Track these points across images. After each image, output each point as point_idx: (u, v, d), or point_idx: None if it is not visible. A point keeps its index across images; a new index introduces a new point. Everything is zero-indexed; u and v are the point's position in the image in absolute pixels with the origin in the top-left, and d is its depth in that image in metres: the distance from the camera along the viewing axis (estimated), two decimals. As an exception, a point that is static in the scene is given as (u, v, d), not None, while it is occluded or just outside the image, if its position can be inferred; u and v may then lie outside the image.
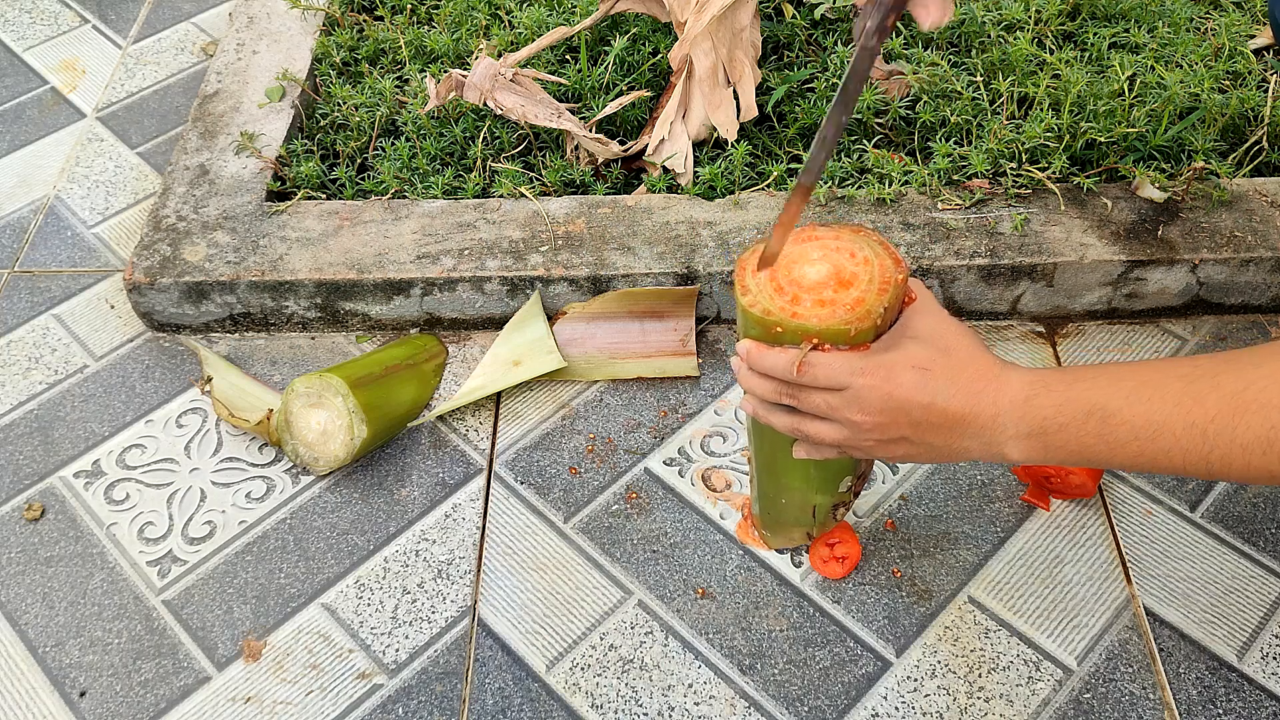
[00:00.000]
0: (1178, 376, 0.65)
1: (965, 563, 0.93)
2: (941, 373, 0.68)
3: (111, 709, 0.87)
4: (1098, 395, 0.66)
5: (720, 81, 1.15)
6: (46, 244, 1.23)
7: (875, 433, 0.69)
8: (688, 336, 1.08)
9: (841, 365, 0.67)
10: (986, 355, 0.70)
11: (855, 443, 0.71)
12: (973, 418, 0.68)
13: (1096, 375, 0.67)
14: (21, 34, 1.52)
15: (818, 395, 0.69)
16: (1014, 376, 0.68)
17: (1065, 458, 0.68)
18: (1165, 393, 0.64)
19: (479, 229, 1.10)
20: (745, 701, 0.86)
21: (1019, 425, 0.67)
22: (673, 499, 0.98)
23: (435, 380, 1.07)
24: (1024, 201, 1.09)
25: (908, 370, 0.67)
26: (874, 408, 0.68)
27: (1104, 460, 0.67)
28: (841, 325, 0.67)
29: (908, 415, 0.68)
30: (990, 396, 0.67)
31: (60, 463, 1.03)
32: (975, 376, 0.68)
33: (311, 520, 0.98)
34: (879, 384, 0.67)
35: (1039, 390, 0.67)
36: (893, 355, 0.68)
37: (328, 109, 1.26)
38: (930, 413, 0.68)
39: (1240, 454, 0.62)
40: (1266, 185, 1.10)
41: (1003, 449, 0.69)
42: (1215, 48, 1.22)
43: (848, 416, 0.69)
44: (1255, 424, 0.61)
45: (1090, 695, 0.85)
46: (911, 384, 0.67)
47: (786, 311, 0.68)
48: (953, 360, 0.68)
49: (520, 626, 0.90)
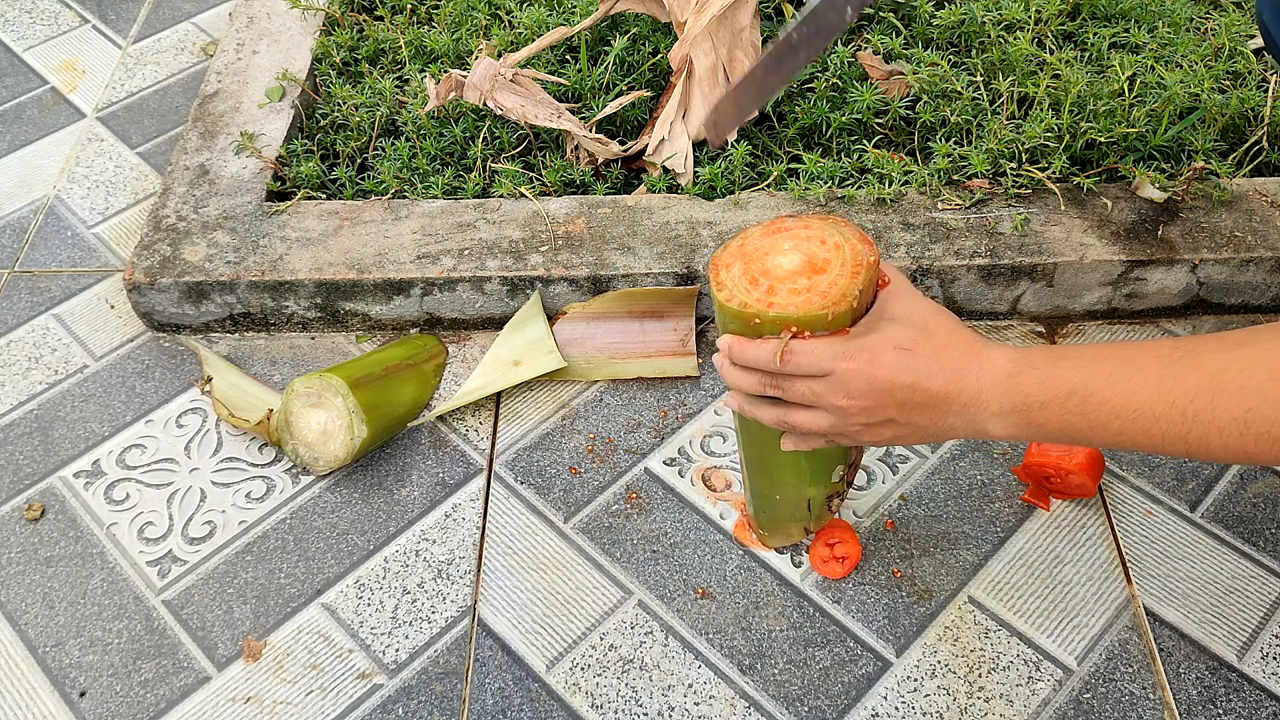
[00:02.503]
0: (1159, 357, 0.65)
1: (965, 563, 0.93)
2: (923, 353, 0.68)
3: (111, 709, 0.87)
4: (1080, 374, 0.66)
5: (720, 81, 1.15)
6: (46, 244, 1.23)
7: (861, 416, 0.70)
8: (688, 336, 1.08)
9: (824, 350, 0.68)
10: (966, 333, 0.70)
11: (842, 428, 0.71)
12: (956, 395, 0.68)
13: (1079, 354, 0.68)
14: (21, 34, 1.52)
15: (802, 383, 0.70)
16: (996, 353, 0.69)
17: (1048, 435, 0.68)
18: (1147, 373, 0.65)
19: (479, 229, 1.10)
20: (745, 701, 0.86)
21: (1002, 402, 0.68)
22: (673, 499, 0.98)
23: (435, 380, 1.07)
24: (1024, 201, 1.09)
25: (889, 352, 0.68)
26: (859, 391, 0.68)
27: (1085, 438, 0.67)
28: (819, 311, 0.67)
29: (893, 397, 0.68)
30: (973, 374, 0.68)
31: (60, 463, 1.03)
32: (957, 355, 0.68)
33: (311, 520, 0.98)
34: (862, 367, 0.67)
35: (1022, 368, 0.68)
36: (874, 338, 0.68)
37: (328, 109, 1.26)
38: (914, 393, 0.68)
39: (1218, 435, 0.63)
40: (1266, 185, 1.10)
41: (986, 425, 0.69)
42: (1215, 48, 1.22)
43: (833, 402, 0.69)
44: (1233, 405, 0.62)
45: (1090, 695, 0.85)
46: (894, 365, 0.67)
47: (763, 303, 0.68)
48: (934, 340, 0.69)
49: (520, 626, 0.90)
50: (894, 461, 1.00)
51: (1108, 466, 0.99)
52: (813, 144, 1.19)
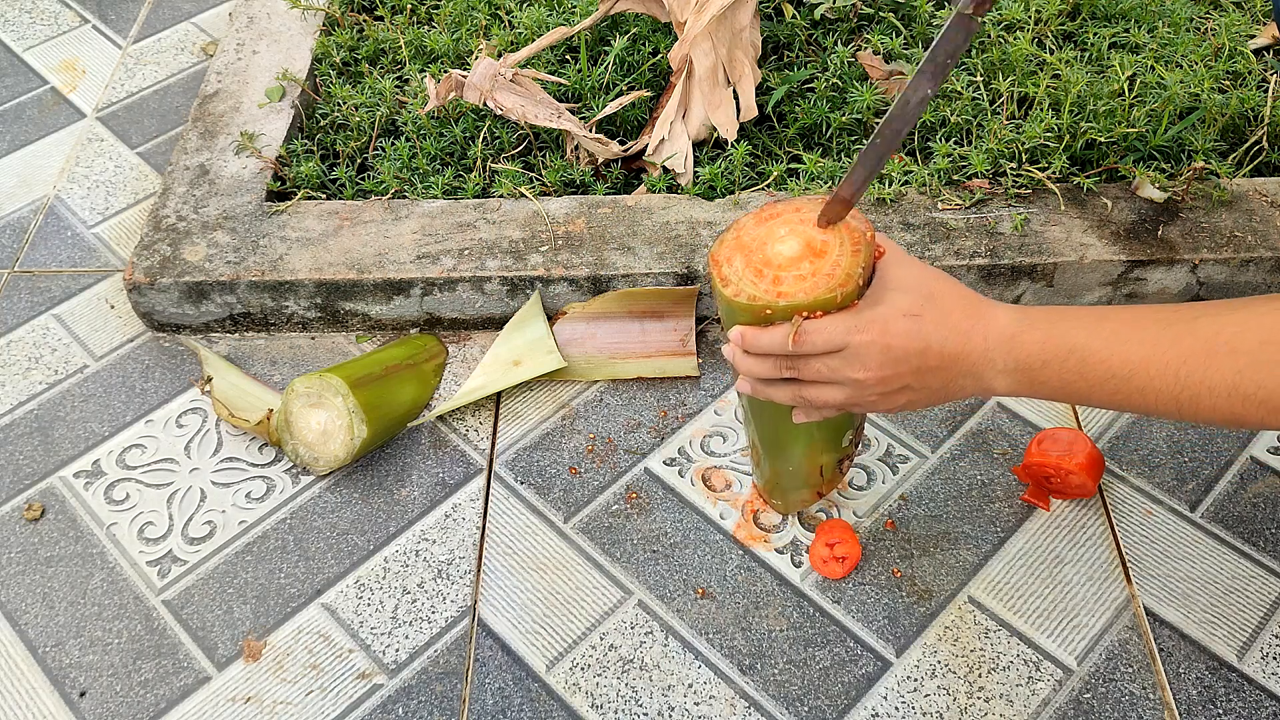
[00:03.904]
0: (1156, 320, 0.67)
1: (965, 563, 0.93)
2: (932, 317, 0.69)
3: (111, 709, 0.87)
4: (1080, 334, 0.68)
5: (720, 81, 1.15)
6: (46, 244, 1.23)
7: (879, 386, 0.71)
8: (688, 336, 1.08)
9: (837, 326, 0.68)
10: (968, 292, 0.71)
11: (859, 399, 0.72)
12: (965, 355, 0.69)
13: (1080, 315, 0.70)
14: (21, 34, 1.52)
15: (817, 361, 0.70)
16: (1000, 312, 0.70)
17: (1048, 393, 0.70)
18: (1144, 334, 0.67)
19: (479, 229, 1.10)
20: (745, 701, 0.86)
21: (1006, 360, 0.69)
22: (673, 499, 0.98)
23: (435, 380, 1.07)
24: (1024, 201, 1.09)
25: (900, 320, 0.69)
26: (875, 362, 0.69)
27: (1084, 397, 0.69)
28: (827, 294, 0.68)
29: (908, 364, 0.69)
30: (980, 332, 0.69)
31: (60, 463, 1.03)
32: (964, 315, 0.70)
33: (311, 520, 0.98)
34: (876, 338, 0.68)
35: (1024, 326, 0.69)
36: (883, 309, 0.69)
37: (328, 109, 1.26)
38: (927, 357, 0.69)
39: (1208, 396, 0.64)
40: (1266, 185, 1.10)
41: (992, 383, 0.71)
42: (1215, 48, 1.22)
43: (850, 375, 0.70)
44: (1224, 368, 0.63)
45: (1090, 695, 0.85)
46: (907, 332, 0.68)
47: (771, 293, 0.69)
48: (940, 303, 0.70)
49: (520, 626, 0.90)
50: (894, 461, 1.00)
51: (1108, 466, 0.99)
52: (813, 144, 1.19)
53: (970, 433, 1.02)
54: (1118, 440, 1.01)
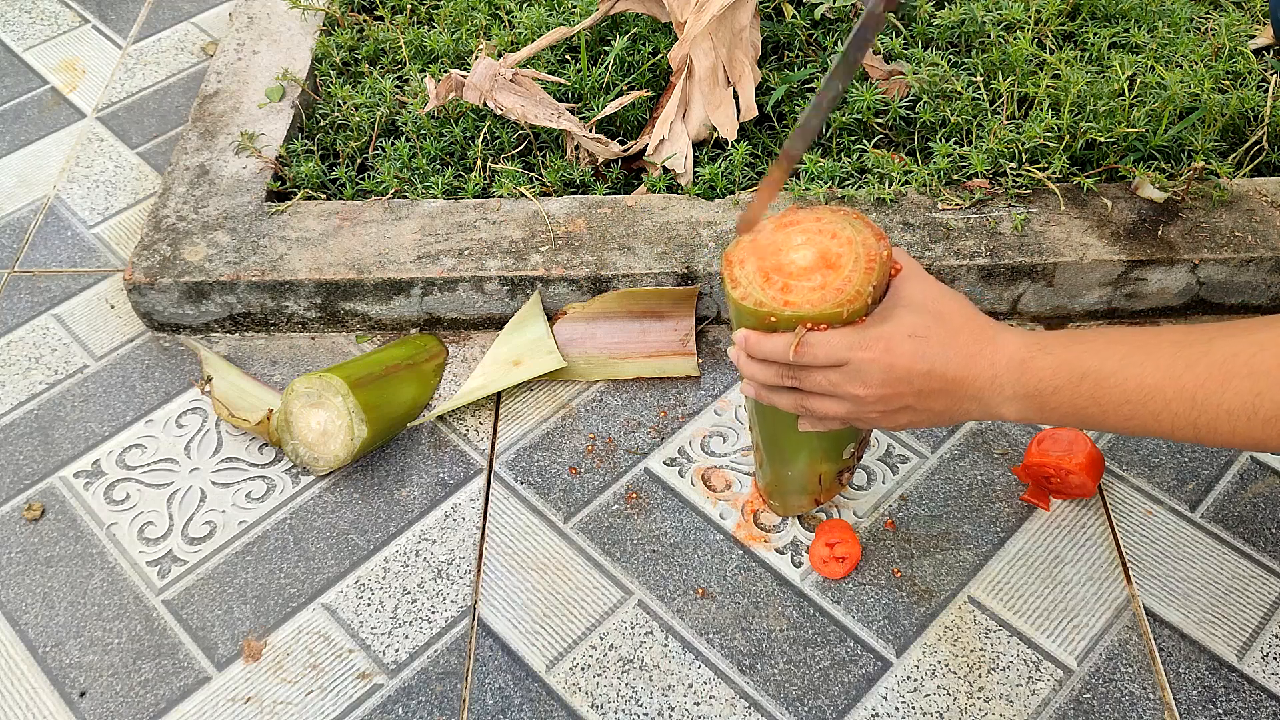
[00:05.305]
0: (1171, 343, 0.66)
1: (965, 563, 0.93)
2: (938, 339, 0.68)
3: (111, 709, 0.87)
4: (1092, 359, 0.67)
5: (720, 81, 1.15)
6: (46, 244, 1.23)
7: (879, 404, 0.70)
8: (688, 336, 1.08)
9: (839, 342, 0.68)
10: (979, 317, 0.70)
11: (859, 415, 0.72)
12: (971, 380, 0.68)
13: (1092, 339, 0.68)
14: (21, 34, 1.52)
15: (819, 374, 0.70)
16: (1009, 337, 0.69)
17: (1059, 419, 0.69)
18: (1158, 358, 0.65)
19: (479, 229, 1.10)
20: (745, 701, 0.86)
21: (1015, 387, 0.68)
22: (673, 499, 0.98)
23: (435, 380, 1.07)
24: (1024, 201, 1.09)
25: (905, 340, 0.68)
26: (875, 380, 0.69)
27: (1097, 422, 0.68)
28: (834, 309, 0.68)
29: (909, 384, 0.69)
30: (987, 358, 0.68)
31: (60, 463, 1.03)
32: (971, 339, 0.69)
33: (311, 520, 0.98)
34: (878, 356, 0.68)
35: (1035, 353, 0.68)
36: (889, 327, 0.68)
37: (328, 109, 1.26)
38: (930, 380, 0.68)
39: (1226, 419, 0.63)
40: (1266, 185, 1.10)
41: (999, 409, 0.70)
42: (1215, 48, 1.22)
43: (850, 391, 0.70)
44: (1242, 390, 0.62)
45: (1090, 695, 0.85)
46: (910, 353, 0.68)
47: (778, 300, 0.69)
48: (947, 325, 0.69)
49: (520, 626, 0.90)
50: (894, 461, 1.00)
51: (1108, 466, 0.99)
52: (813, 144, 1.19)
53: (970, 433, 1.02)
54: (1118, 440, 1.01)
